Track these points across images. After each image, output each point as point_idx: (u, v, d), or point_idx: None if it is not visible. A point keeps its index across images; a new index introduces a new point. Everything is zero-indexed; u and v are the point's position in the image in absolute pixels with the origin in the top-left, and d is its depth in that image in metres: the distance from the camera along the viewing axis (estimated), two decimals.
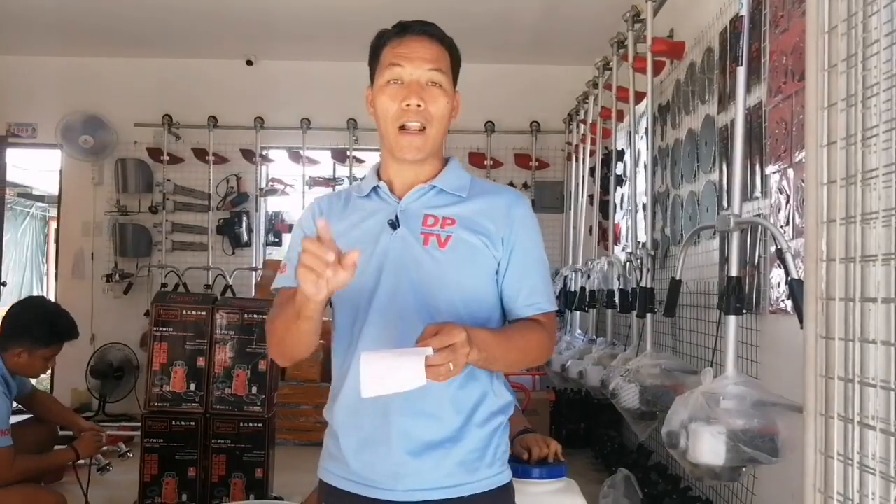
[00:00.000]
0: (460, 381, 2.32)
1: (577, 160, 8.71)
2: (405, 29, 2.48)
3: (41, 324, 5.21)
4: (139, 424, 8.21)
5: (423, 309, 2.33)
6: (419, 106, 2.37)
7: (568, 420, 8.31)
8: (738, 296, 3.68)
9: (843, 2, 2.11)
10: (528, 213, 2.51)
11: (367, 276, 2.37)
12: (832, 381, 2.06)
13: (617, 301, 6.33)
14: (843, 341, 2.03)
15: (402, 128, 2.39)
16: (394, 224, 2.42)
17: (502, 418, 2.45)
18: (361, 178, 2.64)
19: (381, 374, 1.98)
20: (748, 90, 4.18)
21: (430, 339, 2.02)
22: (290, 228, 10.76)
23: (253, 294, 9.76)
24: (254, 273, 10.28)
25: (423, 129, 2.40)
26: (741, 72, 3.83)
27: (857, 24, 2.06)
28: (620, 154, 7.52)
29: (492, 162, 9.91)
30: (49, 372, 5.25)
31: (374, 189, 2.51)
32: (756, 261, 4.39)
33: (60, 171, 10.52)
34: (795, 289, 3.20)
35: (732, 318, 3.67)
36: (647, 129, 6.07)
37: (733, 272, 3.74)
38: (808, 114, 2.17)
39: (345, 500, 2.42)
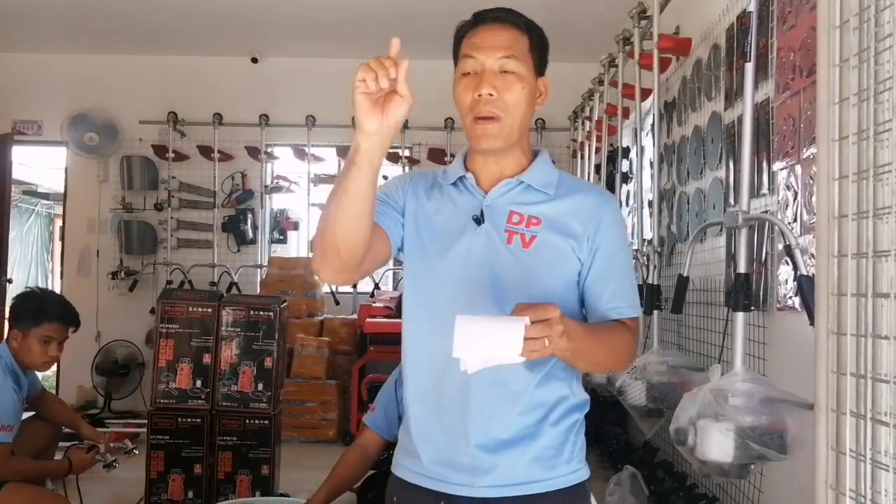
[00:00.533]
0: (539, 380, 2.34)
1: (582, 157, 8.70)
2: (479, 18, 2.42)
3: (29, 302, 5.21)
4: (144, 421, 8.25)
5: (502, 308, 2.28)
6: (491, 95, 2.31)
7: None
8: (746, 292, 3.68)
9: None
10: (616, 213, 2.46)
11: (448, 268, 2.37)
12: (844, 377, 2.05)
13: None
14: (855, 337, 2.03)
15: (478, 118, 2.34)
16: (478, 219, 2.39)
17: (578, 415, 2.44)
18: (447, 164, 2.58)
19: (476, 337, 1.93)
20: (755, 86, 4.16)
21: (527, 310, 1.97)
22: (294, 226, 10.79)
23: (258, 291, 9.77)
24: (259, 270, 10.29)
25: (496, 118, 2.33)
26: (749, 68, 3.81)
27: (869, 19, 2.05)
28: (626, 151, 7.51)
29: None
30: (55, 367, 5.17)
31: (461, 179, 2.47)
32: (763, 258, 4.38)
33: (66, 169, 10.53)
34: (805, 285, 3.19)
35: (740, 315, 3.66)
36: (653, 125, 6.07)
37: (741, 269, 3.73)
38: (819, 109, 2.17)
39: (419, 495, 2.42)
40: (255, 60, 10.24)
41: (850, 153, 2.06)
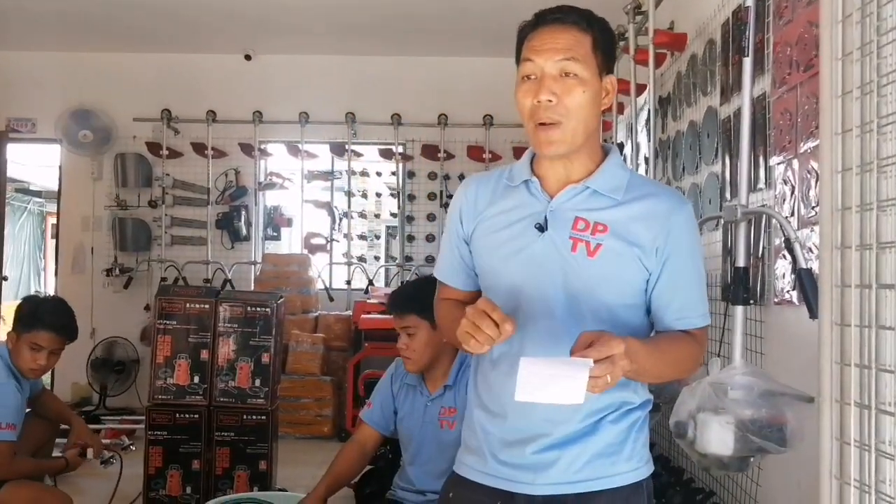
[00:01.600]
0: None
1: None
2: (539, 19, 2.36)
3: (28, 306, 5.20)
4: (140, 418, 8.26)
5: (567, 316, 2.31)
6: (550, 101, 2.25)
7: None
8: (745, 286, 3.69)
9: None
10: (688, 219, 2.39)
11: (513, 277, 2.37)
12: (848, 367, 2.07)
13: None
14: (859, 328, 2.04)
15: (540, 124, 2.29)
16: (541, 227, 2.35)
17: (640, 413, 2.44)
18: (514, 163, 2.53)
19: (540, 382, 1.96)
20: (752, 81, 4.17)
21: (589, 350, 1.97)
22: (288, 222, 10.81)
23: (252, 288, 9.78)
24: (253, 267, 10.29)
25: (557, 124, 2.27)
26: (747, 62, 3.83)
27: (871, 13, 2.07)
28: (620, 147, 7.53)
29: (490, 155, 9.90)
30: (37, 376, 5.12)
31: (526, 182, 2.43)
32: (760, 252, 4.40)
33: (60, 167, 10.52)
34: (805, 278, 3.21)
35: (740, 309, 3.69)
36: (647, 120, 6.08)
37: (740, 262, 3.75)
38: (822, 102, 2.18)
39: (477, 493, 2.45)
40: (248, 58, 10.23)
41: (853, 146, 2.08)
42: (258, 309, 5.59)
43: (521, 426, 2.37)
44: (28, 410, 5.38)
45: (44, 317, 5.07)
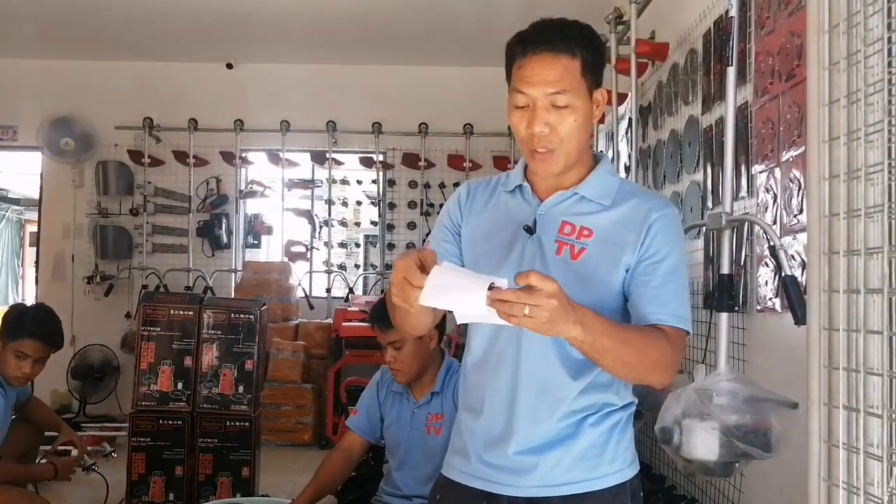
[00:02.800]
0: (583, 388, 2.35)
1: None
2: (526, 45, 2.35)
3: (13, 315, 5.20)
4: (120, 425, 8.25)
5: None
6: (544, 132, 2.29)
7: None
8: (730, 293, 3.72)
9: (844, 1, 2.15)
10: (668, 219, 2.38)
11: (504, 276, 2.37)
12: (836, 371, 2.10)
13: None
14: (847, 332, 2.07)
15: (534, 150, 2.33)
16: (530, 229, 2.39)
17: (622, 415, 2.45)
18: (510, 171, 2.56)
19: (445, 286, 1.92)
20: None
21: (525, 277, 1.90)
22: (269, 230, 10.80)
23: (233, 295, 9.78)
24: (233, 275, 10.30)
25: (552, 151, 2.32)
26: (731, 72, 3.86)
27: (858, 23, 2.10)
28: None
29: (470, 164, 9.92)
30: (22, 384, 5.11)
31: (519, 187, 2.48)
32: (743, 260, 4.43)
33: (41, 174, 10.51)
34: (789, 285, 3.24)
35: (724, 316, 3.71)
36: (627, 130, 6.11)
37: (725, 269, 3.78)
38: (810, 110, 2.22)
39: (463, 494, 2.47)
40: (230, 66, 10.25)
41: (840, 154, 2.11)
42: (242, 315, 5.60)
43: (499, 423, 2.40)
44: (14, 416, 5.39)
45: (29, 326, 5.07)
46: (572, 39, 2.34)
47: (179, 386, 5.51)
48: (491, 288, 1.89)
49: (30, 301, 9.57)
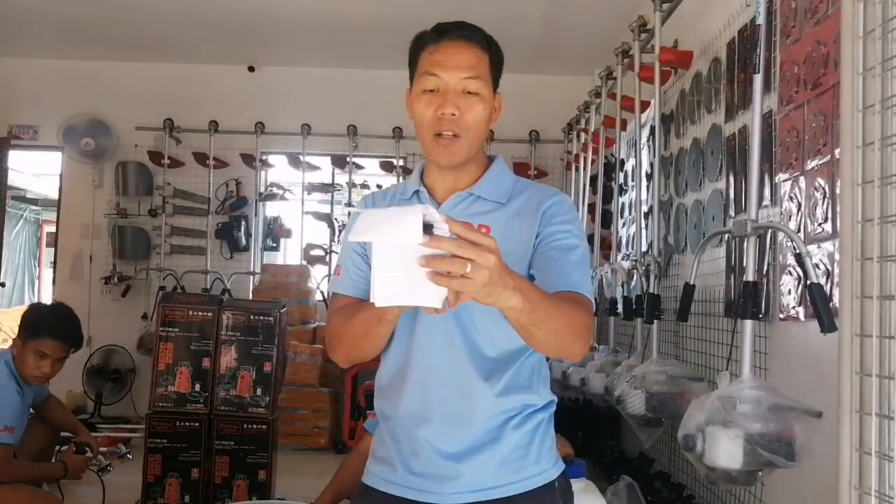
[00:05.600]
0: (501, 390, 2.32)
1: (576, 170, 8.74)
2: (442, 33, 2.39)
3: (33, 314, 5.21)
4: (135, 427, 8.25)
5: (459, 322, 2.30)
6: (454, 115, 2.30)
7: (565, 428, 8.30)
8: (754, 300, 3.70)
9: (879, 7, 2.13)
10: (560, 205, 2.38)
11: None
12: (868, 378, 2.08)
13: (620, 308, 6.34)
14: (879, 339, 2.05)
15: (438, 135, 2.33)
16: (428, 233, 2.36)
17: (543, 415, 2.42)
18: (406, 178, 2.59)
19: (376, 221, 1.75)
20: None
21: (456, 224, 1.74)
22: (287, 233, 10.80)
23: (250, 298, 9.76)
24: (251, 277, 10.30)
25: (457, 137, 2.33)
26: (757, 79, 3.84)
27: (893, 29, 2.09)
28: (622, 163, 7.56)
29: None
30: (40, 383, 5.12)
31: (416, 193, 2.47)
32: (765, 269, 4.41)
33: (61, 174, 10.56)
34: (816, 293, 3.22)
35: (749, 323, 3.68)
36: (649, 137, 6.10)
37: (749, 277, 3.76)
38: (843, 116, 2.20)
39: (387, 502, 2.41)
40: (251, 69, 10.31)
41: (874, 160, 2.09)
42: (261, 317, 5.59)
43: (417, 429, 2.35)
44: (31, 414, 5.39)
45: (49, 325, 5.08)
46: (484, 36, 2.41)
47: (197, 387, 5.51)
48: (427, 229, 1.69)
49: (46, 301, 9.56)
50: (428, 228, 1.70)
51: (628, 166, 7.45)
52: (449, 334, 2.32)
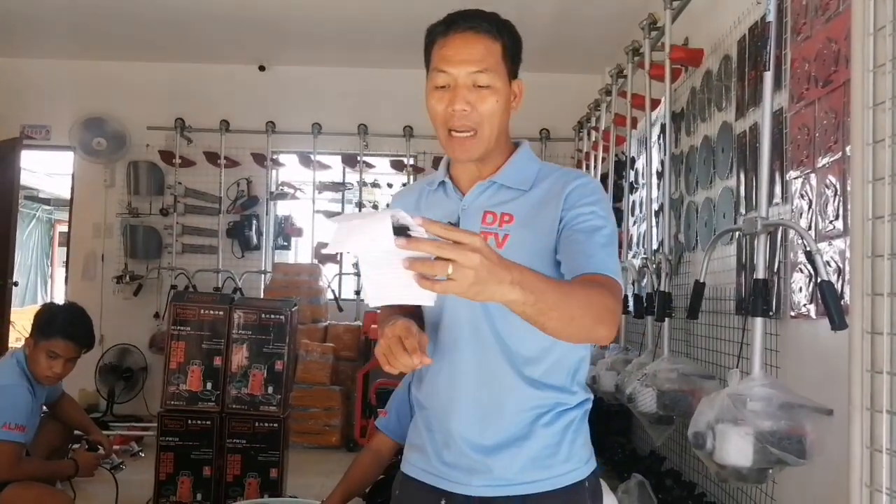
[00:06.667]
0: (529, 386, 2.32)
1: (587, 167, 8.73)
2: (450, 25, 2.35)
3: (45, 314, 5.23)
4: (147, 425, 8.27)
5: (485, 313, 2.31)
6: (465, 110, 2.29)
7: None
8: (765, 298, 3.70)
9: (890, 3, 2.13)
10: (584, 186, 2.32)
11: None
12: (879, 375, 2.08)
13: (631, 306, 6.34)
14: (890, 336, 2.05)
15: (453, 131, 2.32)
16: (454, 224, 2.34)
17: (575, 413, 2.38)
18: (436, 170, 2.60)
19: (351, 230, 1.68)
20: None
21: (436, 225, 1.70)
22: (298, 232, 10.82)
23: (262, 297, 9.78)
24: (263, 276, 10.33)
25: (473, 132, 2.31)
26: (768, 76, 3.84)
27: None
28: (632, 161, 7.55)
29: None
30: (52, 383, 5.13)
31: (441, 184, 2.48)
32: (776, 266, 4.40)
33: (73, 174, 10.60)
34: (826, 290, 3.21)
35: (759, 321, 3.68)
36: (660, 135, 6.10)
37: (760, 274, 3.75)
38: (853, 113, 2.20)
39: (421, 491, 2.44)
40: (262, 68, 10.33)
41: (885, 156, 2.09)
42: (272, 316, 5.59)
43: (450, 421, 2.37)
44: (46, 413, 5.41)
45: (61, 325, 5.10)
46: (494, 24, 2.36)
47: (209, 386, 5.51)
48: (401, 232, 1.66)
49: (59, 301, 9.59)
50: (402, 231, 1.66)
51: (639, 164, 7.44)
52: (476, 325, 2.32)
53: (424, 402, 2.48)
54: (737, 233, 4.79)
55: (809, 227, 3.99)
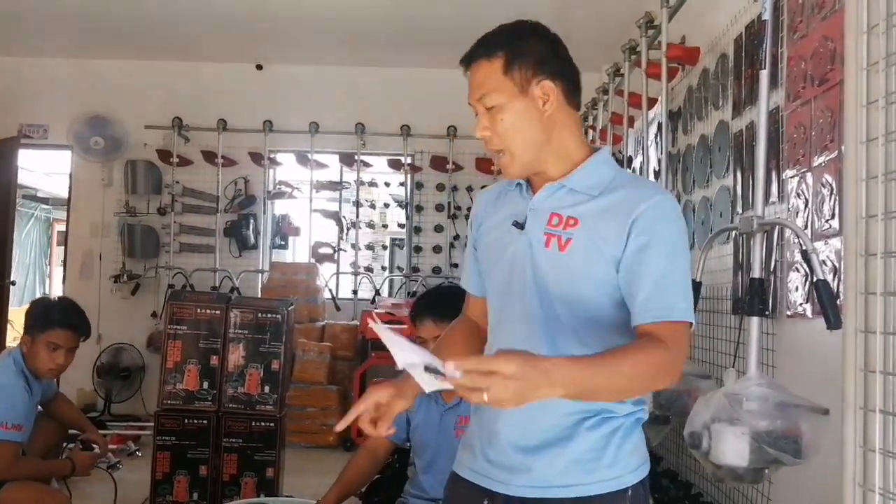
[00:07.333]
0: None
1: None
2: (462, 63, 2.45)
3: (38, 308, 5.22)
4: (145, 425, 8.27)
5: (543, 313, 2.33)
6: (486, 135, 2.35)
7: None
8: (761, 297, 3.69)
9: (883, 1, 2.12)
10: (659, 206, 2.27)
11: (501, 276, 2.43)
12: (872, 374, 2.07)
13: None
14: (883, 335, 2.05)
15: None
16: (519, 224, 2.39)
17: (623, 421, 2.35)
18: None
19: (396, 340, 1.98)
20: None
21: (468, 359, 1.88)
22: (296, 232, 10.83)
23: (259, 296, 9.77)
24: (260, 275, 10.32)
25: (502, 152, 2.35)
26: (764, 75, 3.83)
27: None
28: (629, 160, 7.55)
29: (499, 168, 9.85)
30: (55, 375, 5.13)
31: (518, 185, 2.48)
32: (773, 266, 4.40)
33: (70, 173, 10.59)
34: (822, 289, 3.21)
35: (755, 320, 3.68)
36: (657, 134, 6.09)
37: (756, 273, 3.75)
38: (847, 111, 2.19)
39: (467, 490, 2.48)
40: (259, 67, 10.33)
41: (878, 155, 2.09)
42: (269, 315, 5.60)
43: (494, 419, 2.39)
44: (40, 411, 5.40)
45: (57, 316, 5.10)
46: (491, 43, 2.39)
47: (205, 385, 5.52)
48: (431, 369, 1.91)
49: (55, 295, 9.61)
50: (435, 372, 1.90)
51: (636, 163, 7.43)
52: (534, 330, 2.33)
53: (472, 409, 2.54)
54: (733, 232, 4.78)
55: (805, 226, 3.98)
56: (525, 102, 2.33)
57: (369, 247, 11.74)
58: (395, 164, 10.28)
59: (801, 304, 4.04)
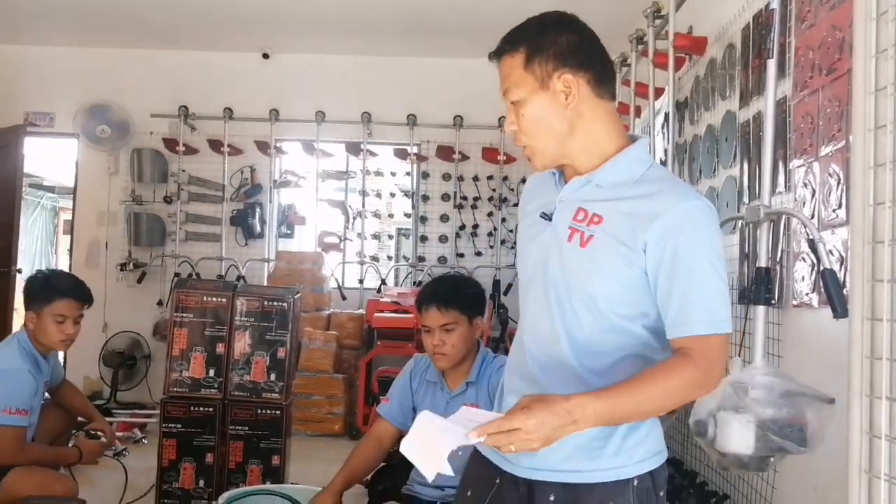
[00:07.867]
0: (585, 378, 2.31)
1: None
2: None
3: (38, 282, 5.21)
4: (151, 412, 8.27)
5: (559, 306, 2.34)
6: (513, 129, 2.39)
7: None
8: (767, 286, 3.69)
9: None
10: (686, 215, 2.21)
11: (527, 262, 2.47)
12: (879, 361, 2.07)
13: None
14: (890, 322, 2.05)
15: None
16: (546, 216, 2.40)
17: None
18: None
19: (422, 443, 2.10)
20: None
21: (489, 425, 2.04)
22: (302, 220, 10.82)
23: (265, 284, 9.77)
24: (266, 264, 10.30)
25: (526, 147, 2.39)
26: (771, 64, 3.83)
27: None
28: None
29: (505, 157, 9.89)
30: (62, 356, 5.14)
31: (553, 174, 2.48)
32: (779, 255, 4.39)
33: (76, 161, 10.59)
34: (828, 278, 3.21)
35: (761, 309, 3.69)
36: (663, 124, 6.09)
37: (762, 263, 3.75)
38: (855, 99, 2.19)
39: (483, 468, 2.52)
40: (265, 56, 10.29)
41: (887, 142, 2.08)
42: (275, 303, 5.59)
43: (510, 398, 2.42)
44: (48, 399, 5.40)
45: (60, 286, 5.11)
46: (514, 37, 2.41)
47: (211, 373, 5.51)
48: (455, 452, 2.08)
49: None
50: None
51: None
52: (553, 323, 2.36)
53: (504, 379, 2.57)
54: (739, 221, 4.78)
55: (812, 216, 3.98)
56: (546, 96, 2.33)
57: (375, 236, 11.74)
58: (401, 154, 10.26)
59: (807, 294, 4.04)
